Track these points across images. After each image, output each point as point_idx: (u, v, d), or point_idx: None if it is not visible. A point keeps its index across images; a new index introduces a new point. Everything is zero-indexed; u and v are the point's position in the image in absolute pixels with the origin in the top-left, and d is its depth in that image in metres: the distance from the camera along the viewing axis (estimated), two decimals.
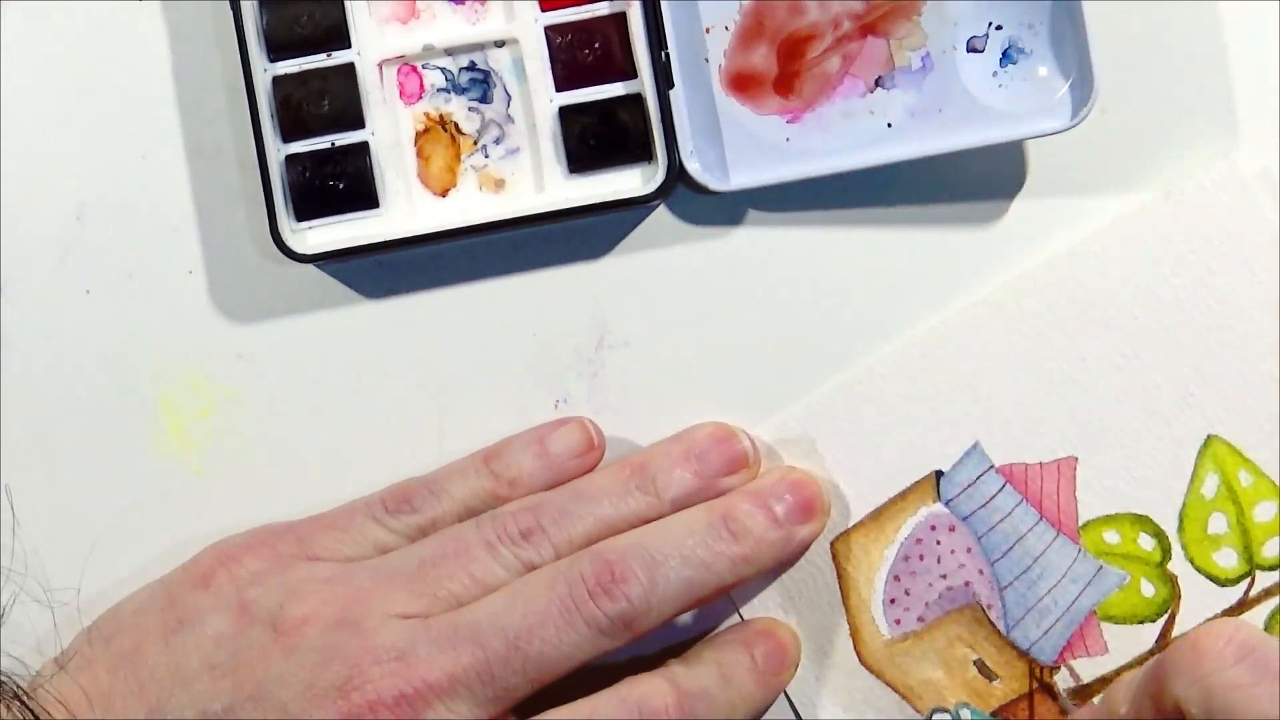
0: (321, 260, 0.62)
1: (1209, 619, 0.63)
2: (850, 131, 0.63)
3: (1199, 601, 0.63)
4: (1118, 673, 0.63)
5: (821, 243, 0.64)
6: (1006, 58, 0.62)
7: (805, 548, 0.63)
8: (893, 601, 0.64)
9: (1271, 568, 0.63)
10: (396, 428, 0.65)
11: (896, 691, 0.64)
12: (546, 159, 0.63)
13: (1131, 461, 0.63)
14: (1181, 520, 0.63)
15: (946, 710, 0.64)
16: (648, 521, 0.61)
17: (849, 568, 0.64)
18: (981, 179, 0.64)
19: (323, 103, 0.62)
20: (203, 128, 0.64)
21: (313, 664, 0.58)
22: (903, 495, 0.64)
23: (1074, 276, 0.63)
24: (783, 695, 0.64)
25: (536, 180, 0.63)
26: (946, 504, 0.64)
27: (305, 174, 0.62)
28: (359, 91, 0.63)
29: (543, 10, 0.63)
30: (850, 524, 0.64)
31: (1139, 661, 0.63)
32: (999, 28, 0.62)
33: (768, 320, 0.64)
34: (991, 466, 0.64)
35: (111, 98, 0.65)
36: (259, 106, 0.62)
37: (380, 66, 0.63)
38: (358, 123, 0.63)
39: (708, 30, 0.63)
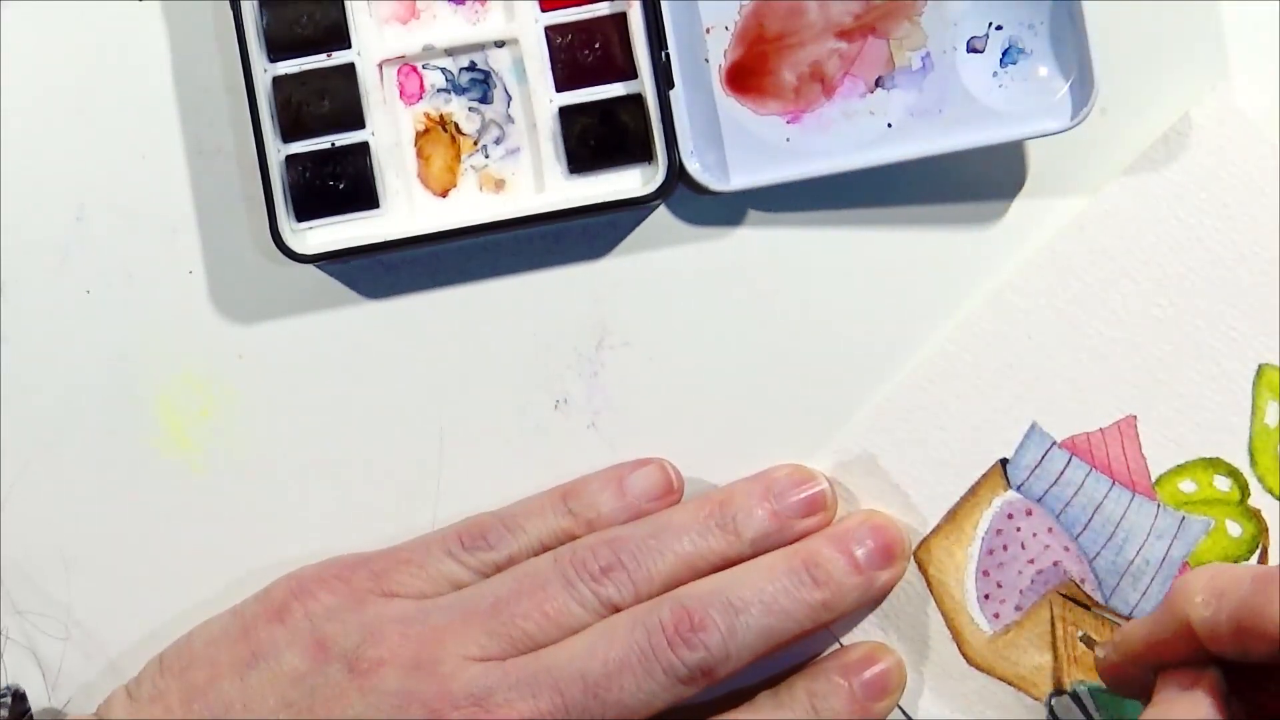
0: (321, 260, 0.62)
1: None
2: (850, 131, 0.63)
3: None
4: None
5: (821, 243, 0.64)
6: (1006, 58, 0.62)
7: (886, 593, 0.63)
8: (987, 597, 0.64)
9: None
10: (396, 427, 0.65)
11: (1010, 684, 0.64)
12: (546, 159, 0.63)
13: (1190, 407, 0.63)
14: (1252, 454, 0.63)
15: (1064, 691, 0.64)
16: (727, 560, 0.61)
17: (936, 573, 0.64)
18: (981, 179, 0.64)
19: (323, 103, 0.62)
20: (203, 128, 0.64)
21: (390, 707, 0.58)
22: (973, 491, 0.64)
23: (1091, 239, 0.63)
24: (899, 711, 0.63)
25: (536, 180, 0.63)
26: (1018, 489, 0.64)
27: (305, 174, 0.62)
28: (359, 92, 0.63)
29: (543, 10, 0.63)
30: (928, 530, 0.64)
31: None
32: (999, 28, 0.62)
33: (767, 320, 0.64)
34: (1054, 443, 0.64)
35: (111, 98, 0.65)
36: (259, 106, 0.62)
37: (380, 67, 0.63)
38: (358, 123, 0.63)
39: (708, 30, 0.63)
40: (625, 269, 0.64)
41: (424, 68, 0.63)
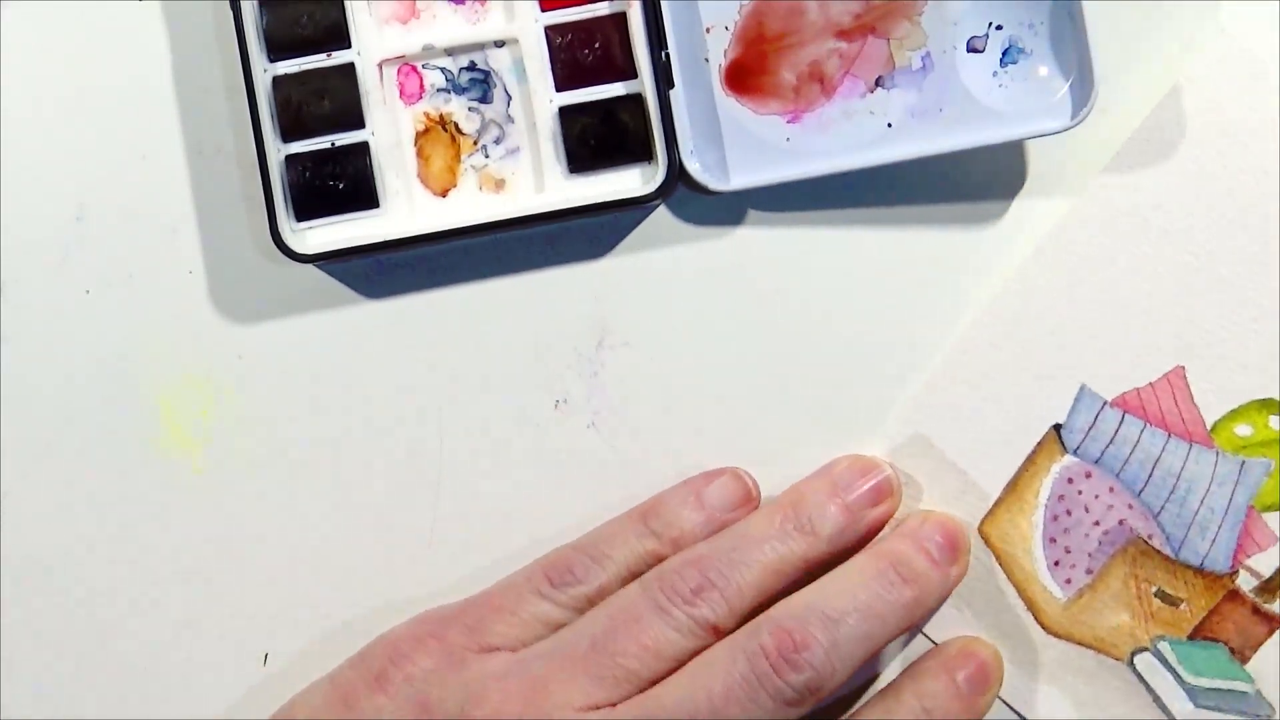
0: (321, 260, 0.62)
1: None
2: (850, 131, 0.63)
3: None
4: None
5: (821, 243, 0.64)
6: (1006, 58, 0.62)
7: (955, 587, 0.63)
8: (1056, 564, 0.64)
9: None
10: (396, 427, 0.65)
11: (1090, 648, 0.64)
12: (546, 159, 0.63)
13: (1235, 351, 0.63)
14: None
15: (1145, 648, 0.64)
16: (809, 561, 0.61)
17: (1004, 546, 0.64)
18: (981, 179, 0.64)
19: (323, 103, 0.62)
20: (203, 128, 0.64)
21: None
22: (1031, 460, 0.64)
23: (1116, 196, 0.63)
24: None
25: (536, 180, 0.63)
26: (1074, 453, 0.64)
27: (305, 174, 0.62)
28: (359, 91, 0.63)
29: (543, 10, 0.63)
30: (991, 504, 0.64)
31: None
32: (999, 28, 0.62)
33: (767, 320, 0.64)
34: (1105, 403, 0.64)
35: (111, 98, 0.65)
36: (259, 106, 0.62)
37: (380, 66, 0.63)
38: (358, 123, 0.63)
39: (708, 30, 0.63)
40: (625, 269, 0.64)
41: (424, 67, 0.63)
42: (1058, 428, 0.64)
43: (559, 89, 0.63)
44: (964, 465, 0.64)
